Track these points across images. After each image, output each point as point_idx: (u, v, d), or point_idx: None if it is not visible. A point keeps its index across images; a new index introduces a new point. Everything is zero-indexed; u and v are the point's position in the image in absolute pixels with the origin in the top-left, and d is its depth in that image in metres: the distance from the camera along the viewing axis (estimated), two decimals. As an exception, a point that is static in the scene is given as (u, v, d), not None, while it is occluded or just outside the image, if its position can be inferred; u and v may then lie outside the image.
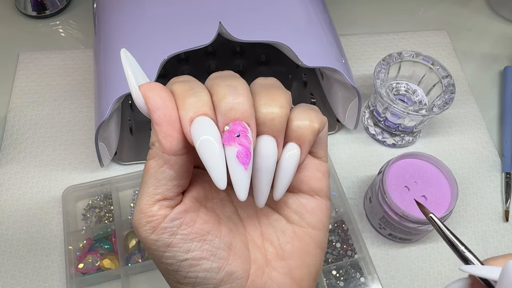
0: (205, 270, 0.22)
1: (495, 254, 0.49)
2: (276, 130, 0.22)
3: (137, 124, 0.55)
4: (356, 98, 0.48)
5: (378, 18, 0.67)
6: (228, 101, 0.21)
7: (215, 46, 0.59)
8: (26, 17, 0.63)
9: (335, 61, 0.46)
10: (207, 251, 0.22)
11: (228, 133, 0.21)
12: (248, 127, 0.21)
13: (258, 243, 0.25)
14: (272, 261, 0.25)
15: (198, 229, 0.23)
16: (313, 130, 0.23)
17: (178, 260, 0.22)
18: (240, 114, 0.21)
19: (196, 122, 0.21)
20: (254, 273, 0.24)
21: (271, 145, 0.22)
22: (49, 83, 0.58)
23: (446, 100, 0.48)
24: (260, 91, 0.23)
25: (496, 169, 0.54)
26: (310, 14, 0.48)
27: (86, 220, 0.48)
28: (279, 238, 0.25)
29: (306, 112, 0.23)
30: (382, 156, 0.54)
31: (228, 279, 0.23)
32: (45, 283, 0.45)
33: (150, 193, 0.22)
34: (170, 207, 0.22)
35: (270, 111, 0.22)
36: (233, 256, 0.23)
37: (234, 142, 0.21)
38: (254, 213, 0.26)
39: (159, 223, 0.22)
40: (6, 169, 0.51)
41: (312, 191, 0.26)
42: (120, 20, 0.46)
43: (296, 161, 0.23)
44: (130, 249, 0.46)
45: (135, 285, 0.45)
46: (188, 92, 0.21)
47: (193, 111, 0.21)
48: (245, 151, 0.21)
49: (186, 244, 0.22)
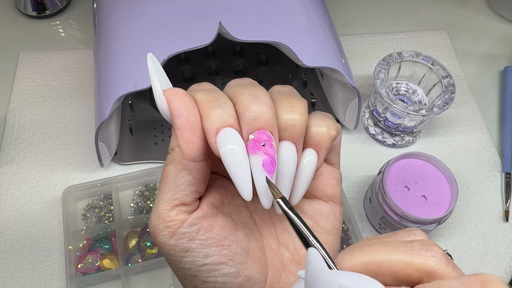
0: (224, 275, 0.23)
1: (495, 254, 0.49)
2: (297, 136, 0.23)
3: (137, 124, 0.55)
4: (356, 98, 0.48)
5: (378, 18, 0.67)
6: (252, 110, 0.21)
7: (215, 46, 0.59)
8: (26, 17, 0.63)
9: (335, 61, 0.46)
10: (226, 256, 0.23)
11: (253, 142, 0.21)
12: (272, 135, 0.22)
13: (274, 248, 0.26)
14: (288, 266, 0.25)
15: (216, 234, 0.23)
16: (330, 136, 0.24)
17: (196, 265, 0.22)
18: (264, 123, 0.21)
19: (222, 133, 0.21)
20: (271, 277, 0.24)
21: (292, 151, 0.23)
22: (49, 83, 0.58)
23: (446, 100, 0.48)
24: (279, 98, 0.23)
25: (496, 169, 0.54)
26: (310, 14, 0.48)
27: (86, 220, 0.48)
28: (295, 243, 0.26)
29: (323, 119, 0.24)
30: (382, 156, 0.54)
31: (247, 283, 0.23)
32: (45, 283, 0.45)
33: (168, 199, 0.22)
34: (188, 212, 0.22)
35: (291, 117, 0.22)
36: (250, 261, 0.24)
37: (259, 151, 0.21)
38: (269, 218, 0.26)
39: (178, 228, 0.22)
40: (6, 169, 0.51)
41: (326, 197, 0.26)
42: (120, 20, 0.46)
43: (314, 167, 0.24)
44: (130, 249, 0.46)
45: (135, 285, 0.45)
46: (213, 104, 0.22)
47: (218, 123, 0.21)
48: (271, 159, 0.21)
49: (205, 249, 0.22)
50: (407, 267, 0.18)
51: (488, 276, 0.17)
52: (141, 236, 0.47)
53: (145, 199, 0.50)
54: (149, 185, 0.50)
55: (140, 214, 0.49)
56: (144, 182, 0.50)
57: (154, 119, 0.55)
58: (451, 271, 0.18)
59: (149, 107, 0.56)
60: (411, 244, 0.19)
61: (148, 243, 0.46)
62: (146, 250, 0.46)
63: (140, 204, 0.49)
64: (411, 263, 0.18)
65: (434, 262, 0.18)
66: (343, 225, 0.49)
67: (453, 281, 0.17)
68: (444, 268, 0.18)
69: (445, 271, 0.18)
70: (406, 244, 0.19)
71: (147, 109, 0.56)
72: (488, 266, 0.48)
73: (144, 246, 0.46)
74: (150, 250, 0.46)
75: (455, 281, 0.17)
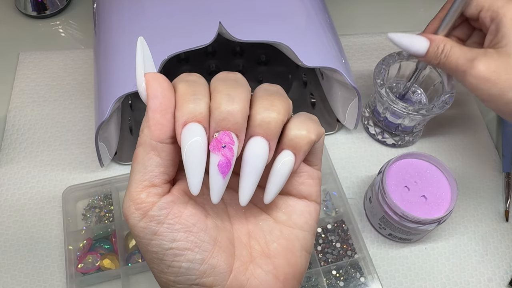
0: (189, 261, 0.23)
1: (495, 254, 0.49)
2: (270, 133, 0.23)
3: (137, 124, 0.55)
4: (356, 98, 0.48)
5: (378, 18, 0.67)
6: (222, 111, 0.22)
7: (215, 46, 0.59)
8: (26, 17, 0.63)
9: (335, 61, 0.46)
10: (192, 243, 0.23)
11: (215, 141, 0.22)
12: (236, 138, 0.22)
13: (244, 241, 0.26)
14: (257, 258, 0.26)
15: (185, 220, 0.23)
16: (309, 140, 0.24)
17: (163, 249, 0.23)
18: (231, 125, 0.22)
19: (188, 126, 0.22)
20: (237, 268, 0.25)
21: (263, 146, 0.23)
22: (49, 83, 0.58)
23: (446, 100, 0.48)
24: (262, 95, 0.24)
25: (496, 169, 0.54)
26: (310, 14, 0.48)
27: (86, 220, 0.48)
28: (266, 236, 0.26)
29: (305, 123, 0.24)
30: (382, 156, 0.54)
31: (211, 271, 0.24)
32: (45, 283, 0.45)
33: (137, 180, 0.23)
34: (158, 195, 0.23)
35: (267, 115, 0.23)
36: (217, 250, 0.24)
37: (218, 152, 0.22)
38: (242, 211, 0.27)
39: (148, 210, 0.23)
40: (6, 169, 0.51)
41: (300, 194, 0.27)
42: (120, 20, 0.46)
43: (290, 168, 0.24)
44: (130, 249, 0.46)
45: (135, 285, 0.45)
46: (189, 97, 0.23)
47: (187, 116, 0.22)
48: (227, 162, 0.22)
49: (172, 233, 0.23)
50: None
51: None
52: (141, 236, 0.47)
53: (145, 199, 0.49)
54: (149, 185, 0.50)
55: (140, 214, 0.49)
56: (144, 182, 0.50)
57: (154, 119, 0.55)
58: None
59: (149, 107, 0.56)
60: None
61: (148, 243, 0.46)
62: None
63: (140, 204, 0.49)
64: None
65: None
66: (343, 225, 0.49)
67: None
68: None
69: None
70: None
71: (147, 109, 0.56)
72: (488, 266, 0.48)
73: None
74: (150, 250, 0.46)
75: None
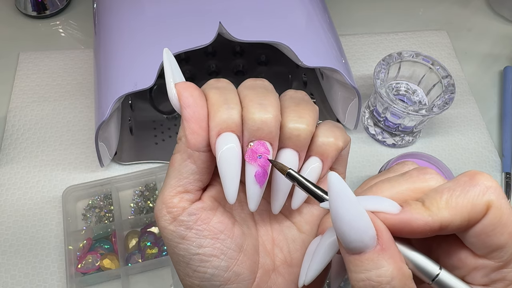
0: (214, 267, 0.23)
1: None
2: (300, 145, 0.24)
3: (137, 124, 0.55)
4: (356, 98, 0.48)
5: (378, 18, 0.67)
6: (256, 121, 0.22)
7: (215, 46, 0.59)
8: (26, 17, 0.63)
9: (335, 61, 0.46)
10: (218, 249, 0.23)
11: (251, 151, 0.23)
12: (271, 147, 0.23)
13: (268, 248, 0.26)
14: (279, 267, 0.26)
15: (213, 227, 0.24)
16: (337, 147, 0.25)
17: (190, 253, 0.23)
18: (265, 135, 0.22)
19: (222, 136, 0.22)
20: (260, 276, 0.25)
21: (293, 159, 0.24)
22: (49, 83, 0.58)
23: (446, 100, 0.48)
24: (289, 105, 0.24)
25: (496, 169, 0.54)
26: (310, 14, 0.48)
27: (86, 220, 0.48)
28: (289, 245, 0.26)
29: (331, 130, 0.25)
30: (382, 156, 0.54)
31: (235, 279, 0.24)
32: (45, 283, 0.45)
33: (172, 185, 0.23)
34: (190, 201, 0.24)
35: (297, 127, 0.23)
36: (242, 258, 0.24)
37: (254, 162, 0.23)
38: (268, 219, 0.27)
39: (178, 215, 0.23)
40: (6, 169, 0.51)
41: None
42: (120, 20, 0.46)
43: (317, 175, 0.25)
44: (130, 249, 0.46)
45: (135, 285, 0.45)
46: (222, 106, 0.23)
47: (221, 126, 0.22)
48: (263, 172, 0.23)
49: (200, 239, 0.23)
50: (413, 192, 0.21)
51: (476, 170, 0.20)
52: (141, 236, 0.47)
53: (145, 199, 0.50)
54: (149, 185, 0.50)
55: (140, 214, 0.49)
56: (144, 182, 0.50)
57: (154, 119, 0.55)
58: (448, 182, 0.21)
59: (149, 107, 0.56)
60: (409, 174, 0.21)
61: (148, 243, 0.46)
62: (146, 250, 0.46)
63: (140, 204, 0.49)
64: (416, 188, 0.21)
65: (434, 181, 0.21)
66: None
67: (448, 183, 0.20)
68: (442, 182, 0.21)
69: None
70: (405, 175, 0.21)
71: (147, 109, 0.56)
72: (488, 266, 0.48)
73: (144, 246, 0.46)
74: (150, 250, 0.46)
75: (449, 182, 0.20)
